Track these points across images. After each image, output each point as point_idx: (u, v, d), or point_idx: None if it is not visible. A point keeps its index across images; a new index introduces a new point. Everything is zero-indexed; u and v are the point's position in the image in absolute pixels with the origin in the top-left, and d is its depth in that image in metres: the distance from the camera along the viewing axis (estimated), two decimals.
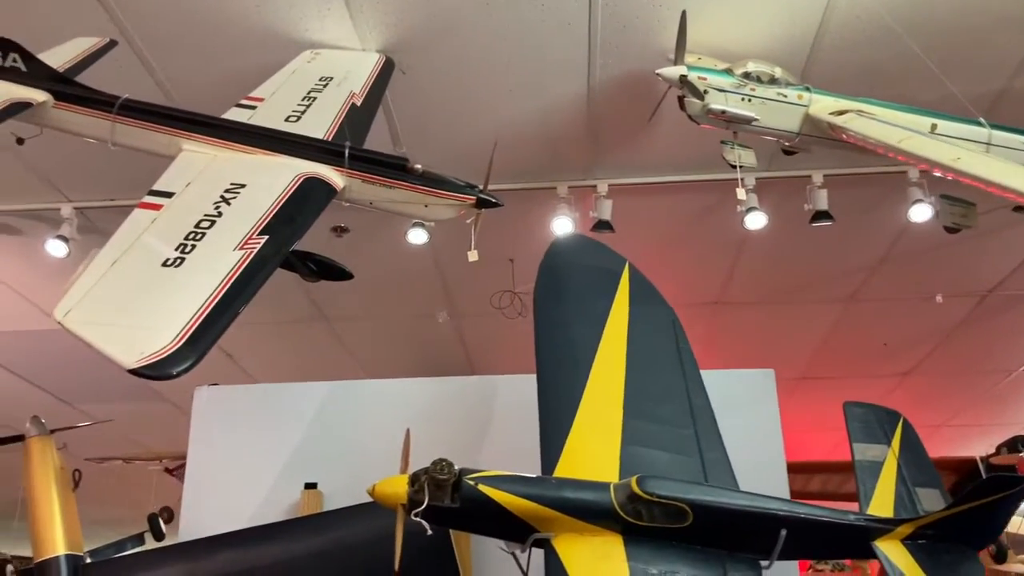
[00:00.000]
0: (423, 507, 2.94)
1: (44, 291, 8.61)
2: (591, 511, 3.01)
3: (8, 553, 16.37)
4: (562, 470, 3.14)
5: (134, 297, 3.16)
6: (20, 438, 3.81)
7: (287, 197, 3.80)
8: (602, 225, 6.76)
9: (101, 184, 6.99)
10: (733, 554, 3.02)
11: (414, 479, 3.04)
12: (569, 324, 3.63)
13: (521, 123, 6.07)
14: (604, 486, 3.07)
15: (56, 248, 6.79)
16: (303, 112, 4.53)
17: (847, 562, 10.16)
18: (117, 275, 3.24)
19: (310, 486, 4.20)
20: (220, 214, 3.60)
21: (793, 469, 4.23)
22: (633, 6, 5.12)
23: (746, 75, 4.19)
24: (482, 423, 4.01)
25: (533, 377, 4.51)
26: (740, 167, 4.27)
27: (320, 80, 4.86)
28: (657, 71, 4.27)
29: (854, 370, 10.49)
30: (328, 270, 4.42)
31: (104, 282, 3.19)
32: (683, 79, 4.11)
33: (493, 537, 3.20)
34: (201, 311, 3.09)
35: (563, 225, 6.76)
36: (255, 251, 3.42)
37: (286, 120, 4.44)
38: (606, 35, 5.33)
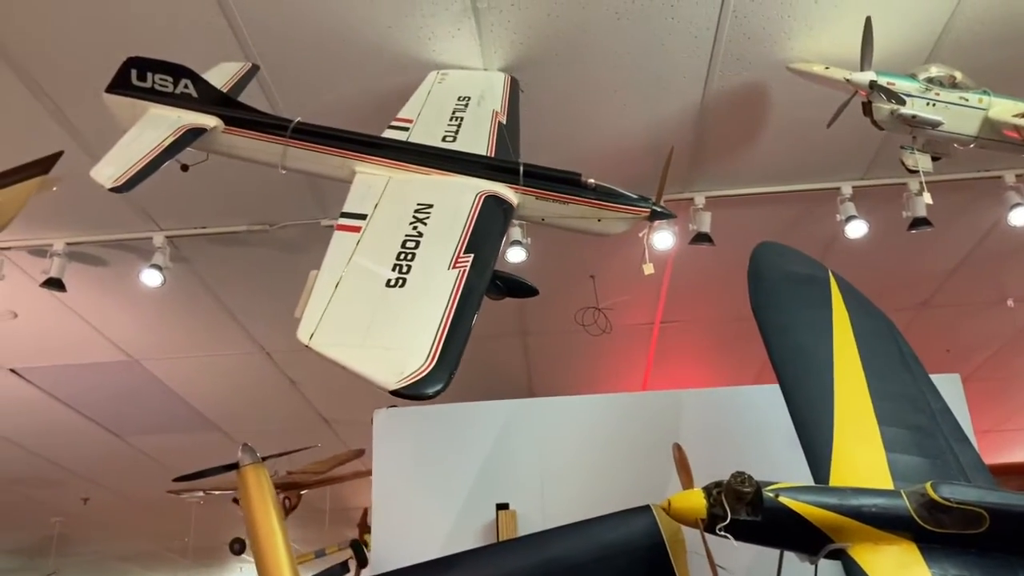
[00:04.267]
0: (727, 521, 2.90)
1: (117, 323, 8.51)
2: (887, 519, 2.98)
3: None
4: (835, 479, 3.12)
5: (371, 318, 3.12)
6: (234, 467, 3.73)
7: (476, 215, 3.77)
8: (701, 238, 6.75)
9: (191, 212, 6.95)
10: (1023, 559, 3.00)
11: (706, 493, 3.00)
12: (797, 331, 3.62)
13: (631, 136, 6.06)
14: (895, 493, 3.05)
15: (151, 277, 6.69)
16: (456, 131, 4.50)
17: None
18: (345, 297, 3.20)
19: (502, 507, 4.14)
20: (421, 234, 3.57)
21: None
22: (762, 17, 5.13)
23: (930, 80, 4.21)
24: (669, 438, 3.97)
25: (717, 391, 4.53)
26: (922, 172, 4.29)
27: (459, 100, 4.84)
28: (847, 76, 4.27)
29: None
30: (516, 287, 4.36)
31: (335, 304, 3.15)
32: (873, 84, 4.12)
33: (784, 549, 3.16)
34: (441, 331, 3.06)
35: (664, 239, 6.74)
36: (467, 269, 3.39)
37: (443, 140, 4.40)
38: (730, 45, 5.34)
